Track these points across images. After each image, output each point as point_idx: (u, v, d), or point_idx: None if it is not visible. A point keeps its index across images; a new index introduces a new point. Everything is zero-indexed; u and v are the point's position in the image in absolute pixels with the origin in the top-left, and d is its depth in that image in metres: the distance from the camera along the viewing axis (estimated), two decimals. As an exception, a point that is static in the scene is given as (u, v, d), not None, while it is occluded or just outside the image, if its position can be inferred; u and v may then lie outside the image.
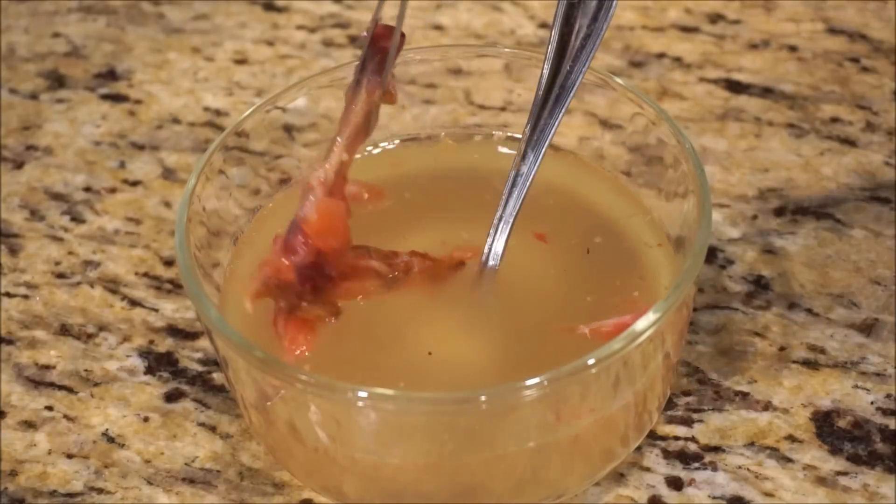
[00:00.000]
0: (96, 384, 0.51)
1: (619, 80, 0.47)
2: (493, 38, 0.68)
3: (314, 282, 0.41)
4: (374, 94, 0.42)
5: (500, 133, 0.52)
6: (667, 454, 0.47)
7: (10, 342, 0.53)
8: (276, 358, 0.39)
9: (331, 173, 0.42)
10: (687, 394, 0.49)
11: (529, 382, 0.38)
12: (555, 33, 0.44)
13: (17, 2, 0.73)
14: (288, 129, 0.51)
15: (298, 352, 0.42)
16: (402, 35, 0.42)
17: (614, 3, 0.44)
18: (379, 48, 0.42)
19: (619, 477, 0.46)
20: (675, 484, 0.46)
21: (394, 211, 0.49)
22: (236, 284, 0.46)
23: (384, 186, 0.49)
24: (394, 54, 0.42)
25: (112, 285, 0.55)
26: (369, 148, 0.52)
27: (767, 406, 0.48)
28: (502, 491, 0.42)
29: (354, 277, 0.43)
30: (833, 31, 0.66)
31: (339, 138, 0.42)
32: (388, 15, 0.43)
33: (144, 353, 0.52)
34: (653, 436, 0.47)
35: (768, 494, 0.45)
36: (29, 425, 0.50)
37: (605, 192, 0.49)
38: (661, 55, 0.65)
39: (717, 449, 0.47)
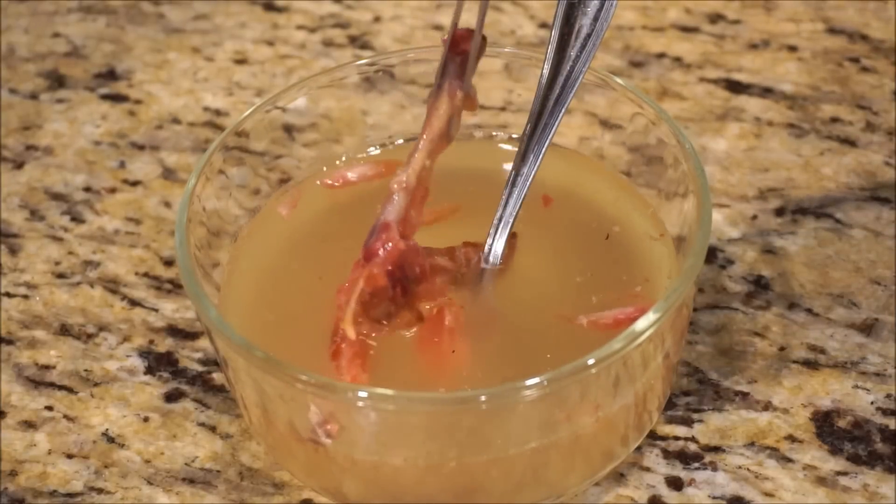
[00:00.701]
0: (96, 384, 0.51)
1: (619, 80, 0.47)
2: (493, 38, 0.68)
3: (403, 284, 0.42)
4: (456, 99, 0.42)
5: (500, 133, 0.52)
6: (667, 454, 0.47)
7: (10, 342, 0.53)
8: (276, 358, 0.39)
9: (412, 178, 0.42)
10: (687, 394, 0.49)
11: (529, 382, 0.38)
12: (555, 33, 0.44)
13: (17, 2, 0.73)
14: (288, 129, 0.51)
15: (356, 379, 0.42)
16: (484, 38, 0.42)
17: (614, 3, 0.44)
18: (459, 51, 0.42)
19: (619, 477, 0.46)
20: (675, 484, 0.46)
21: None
22: (236, 284, 0.47)
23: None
24: (475, 58, 0.42)
25: (112, 285, 0.55)
26: (369, 149, 0.52)
27: (767, 406, 0.48)
28: (502, 491, 0.42)
29: (428, 278, 0.43)
30: (833, 31, 0.66)
31: (421, 143, 0.42)
32: (463, 19, 0.42)
33: (144, 353, 0.52)
34: (653, 436, 0.47)
35: (768, 494, 0.45)
36: (29, 425, 0.50)
37: (606, 188, 0.49)
38: (661, 55, 0.65)
39: (717, 449, 0.47)
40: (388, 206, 0.42)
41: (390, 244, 0.41)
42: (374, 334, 0.42)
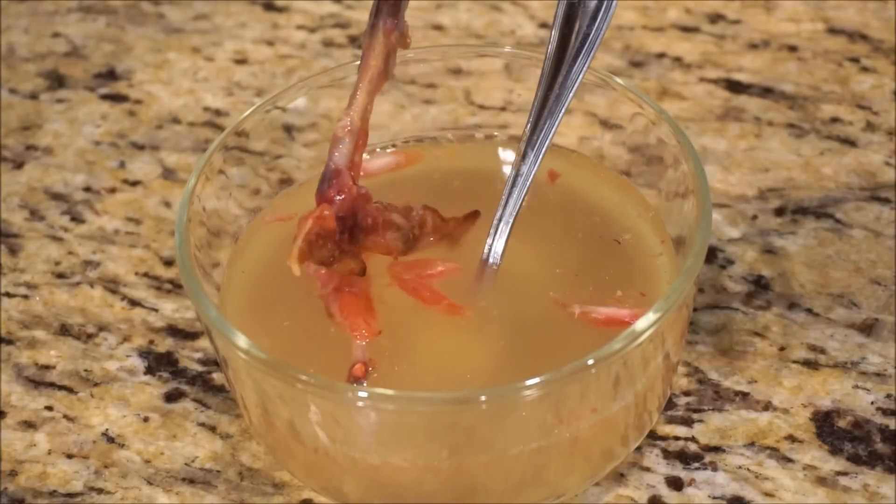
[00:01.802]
0: (96, 384, 0.51)
1: (619, 80, 0.47)
2: (493, 38, 0.68)
3: (351, 231, 0.42)
4: (391, 37, 0.43)
5: (500, 133, 0.52)
6: (667, 454, 0.47)
7: (10, 342, 0.53)
8: (276, 358, 0.39)
9: (356, 119, 0.43)
10: (687, 394, 0.49)
11: (529, 382, 0.38)
12: (555, 33, 0.44)
13: (17, 2, 0.73)
14: (288, 129, 0.51)
15: (366, 333, 0.43)
16: None
17: (614, 3, 0.44)
18: None
19: (619, 477, 0.46)
20: (675, 484, 0.46)
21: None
22: (236, 284, 0.47)
23: (397, 181, 0.49)
24: None
25: (112, 285, 0.55)
26: (369, 150, 0.52)
27: (767, 406, 0.48)
28: (502, 491, 0.42)
29: (378, 230, 0.43)
30: (833, 31, 0.66)
31: (360, 84, 0.43)
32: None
33: (144, 353, 0.52)
34: (653, 436, 0.47)
35: (768, 494, 0.45)
36: (29, 425, 0.50)
37: (607, 190, 0.49)
38: (661, 55, 0.65)
39: (717, 449, 0.47)
40: (337, 151, 0.42)
41: (345, 191, 0.42)
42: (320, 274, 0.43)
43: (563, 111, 0.45)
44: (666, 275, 0.45)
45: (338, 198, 0.42)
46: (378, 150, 0.51)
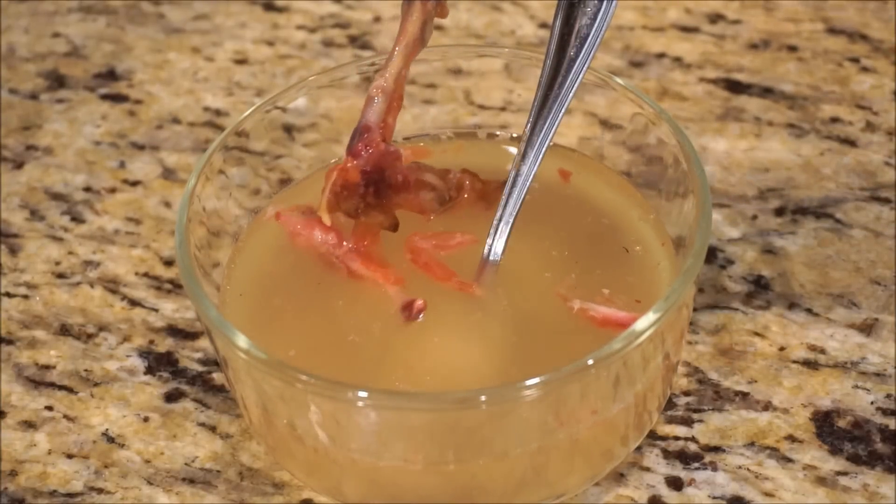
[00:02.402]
0: (96, 384, 0.51)
1: (619, 80, 0.47)
2: (493, 38, 0.68)
3: (377, 186, 0.43)
4: (428, 4, 0.44)
5: (500, 133, 0.52)
6: (667, 454, 0.47)
7: (10, 342, 0.53)
8: (277, 358, 0.39)
9: (391, 82, 0.44)
10: (687, 394, 0.49)
11: (529, 382, 0.38)
12: (555, 33, 0.44)
13: (17, 2, 0.73)
14: (288, 129, 0.51)
15: (394, 281, 0.44)
16: None
17: (614, 3, 0.44)
18: None
19: (619, 477, 0.46)
20: (675, 484, 0.46)
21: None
22: (236, 284, 0.47)
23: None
24: None
25: (112, 285, 0.55)
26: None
27: (767, 406, 0.48)
28: (502, 491, 0.42)
29: (411, 189, 0.45)
30: (833, 31, 0.66)
31: (397, 48, 0.44)
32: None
33: (144, 353, 0.52)
34: (653, 436, 0.48)
35: (768, 494, 0.45)
36: (29, 425, 0.50)
37: (608, 191, 0.49)
38: (661, 55, 0.65)
39: (717, 449, 0.47)
40: (369, 110, 0.44)
41: (372, 146, 0.43)
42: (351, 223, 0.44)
43: (563, 111, 0.45)
44: (666, 277, 0.45)
45: (364, 152, 0.43)
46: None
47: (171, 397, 0.50)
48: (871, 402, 0.48)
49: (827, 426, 0.48)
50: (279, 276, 0.47)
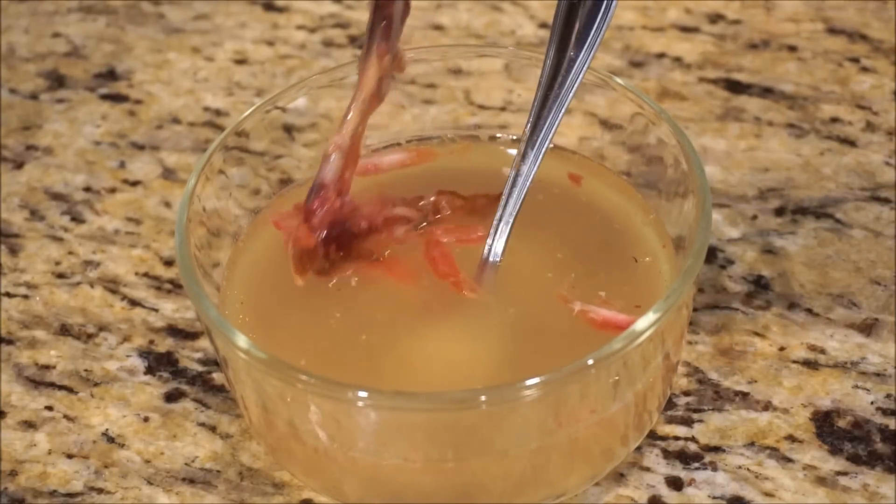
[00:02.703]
0: (96, 384, 0.51)
1: (619, 80, 0.47)
2: (493, 38, 0.68)
3: (338, 241, 0.44)
4: (384, 60, 0.44)
5: (500, 133, 0.52)
6: (667, 454, 0.47)
7: (10, 342, 0.53)
8: (277, 358, 0.39)
9: (347, 139, 0.44)
10: (687, 394, 0.49)
11: (529, 382, 0.38)
12: (555, 33, 0.44)
13: (17, 2, 0.73)
14: (288, 129, 0.51)
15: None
16: (407, 2, 0.44)
17: (614, 3, 0.44)
18: (384, 15, 0.43)
19: (619, 477, 0.46)
20: (675, 484, 0.46)
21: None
22: (236, 284, 0.47)
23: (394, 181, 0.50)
24: (399, 19, 0.43)
25: (112, 285, 0.55)
26: (380, 146, 0.52)
27: (767, 406, 0.48)
28: (502, 491, 0.42)
29: (383, 228, 0.45)
30: (833, 31, 0.66)
31: (353, 105, 0.44)
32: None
33: (144, 353, 0.52)
34: (653, 436, 0.47)
35: (768, 494, 0.45)
36: (29, 425, 0.50)
37: (609, 192, 0.49)
38: (661, 55, 0.65)
39: (717, 449, 0.47)
40: (325, 167, 0.44)
41: (325, 205, 0.43)
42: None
43: (563, 111, 0.45)
44: (666, 277, 0.45)
45: (319, 211, 0.43)
46: (386, 146, 0.52)
47: (171, 397, 0.50)
48: (871, 402, 0.48)
49: (827, 426, 0.48)
50: (279, 275, 0.47)
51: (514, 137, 0.51)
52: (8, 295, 0.55)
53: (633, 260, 0.46)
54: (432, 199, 0.46)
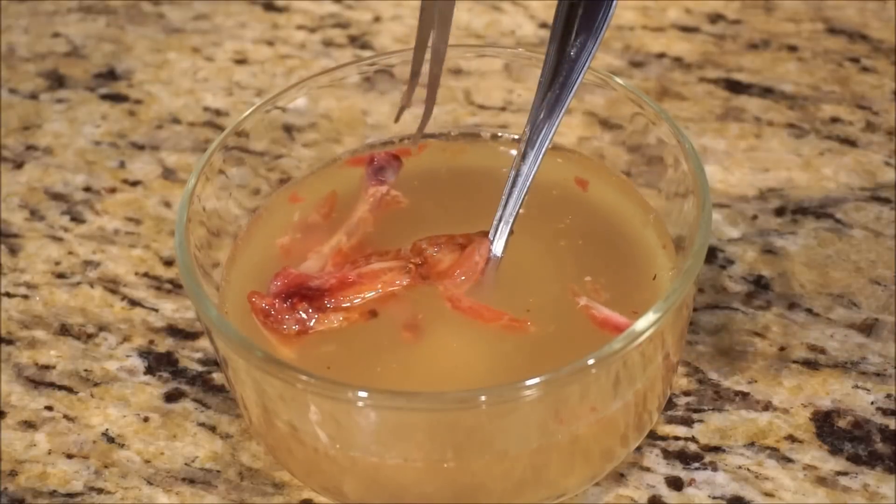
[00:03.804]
0: (96, 384, 0.51)
1: (619, 80, 0.47)
2: (493, 38, 0.68)
3: (301, 297, 0.43)
4: (375, 198, 0.48)
5: (501, 133, 0.52)
6: (667, 454, 0.47)
7: (10, 342, 0.53)
8: (277, 358, 0.39)
9: (326, 250, 0.46)
10: (687, 394, 0.49)
11: (529, 382, 0.38)
12: (555, 33, 0.44)
13: (17, 2, 0.73)
14: (288, 129, 0.51)
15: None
16: (397, 157, 0.49)
17: (614, 3, 0.44)
18: (380, 162, 0.49)
19: (619, 477, 0.46)
20: (675, 484, 0.46)
21: (394, 210, 0.49)
22: (236, 284, 0.47)
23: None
24: (392, 170, 0.49)
25: (112, 285, 0.55)
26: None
27: (767, 406, 0.48)
28: (502, 491, 0.42)
29: (365, 283, 0.44)
30: (833, 31, 0.66)
31: (340, 228, 0.47)
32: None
33: (144, 353, 0.52)
34: (653, 436, 0.47)
35: (768, 494, 0.45)
36: (29, 425, 0.50)
37: (610, 192, 0.49)
38: (661, 55, 0.65)
39: (717, 449, 0.47)
40: (299, 266, 0.45)
41: (280, 278, 0.44)
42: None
43: (563, 111, 0.45)
44: (665, 267, 0.45)
45: (275, 283, 0.44)
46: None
47: (171, 397, 0.50)
48: (871, 402, 0.48)
49: (827, 426, 0.48)
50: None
51: (515, 137, 0.51)
52: (8, 295, 0.55)
53: (650, 276, 0.46)
54: (409, 246, 0.45)
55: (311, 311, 0.43)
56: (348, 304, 0.44)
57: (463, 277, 0.44)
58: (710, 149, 0.59)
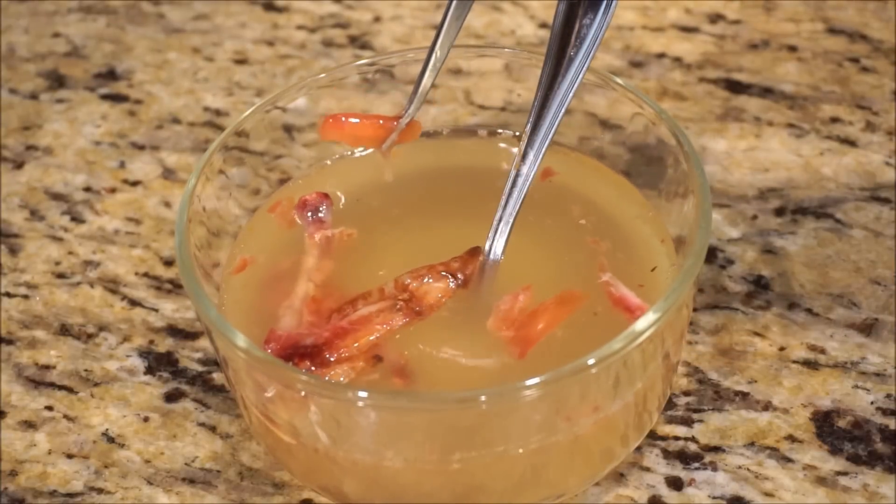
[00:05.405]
0: (96, 384, 0.51)
1: (619, 80, 0.47)
2: (493, 38, 0.68)
3: (310, 355, 0.42)
4: (317, 240, 0.47)
5: (501, 133, 0.52)
6: (667, 454, 0.47)
7: (10, 342, 0.53)
8: (276, 358, 0.39)
9: (297, 302, 0.45)
10: (687, 394, 0.49)
11: (529, 382, 0.38)
12: (555, 33, 0.44)
13: (17, 2, 0.73)
14: (288, 129, 0.51)
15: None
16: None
17: (614, 3, 0.44)
18: (312, 205, 0.48)
19: (619, 477, 0.46)
20: (675, 484, 0.46)
21: (394, 210, 0.49)
22: (237, 284, 0.47)
23: (377, 191, 0.49)
24: (326, 211, 0.48)
25: (112, 285, 0.55)
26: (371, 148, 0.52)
27: (767, 406, 0.48)
28: (502, 491, 0.42)
29: (362, 329, 0.43)
30: (833, 31, 0.66)
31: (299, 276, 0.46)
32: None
33: (144, 353, 0.52)
34: (653, 436, 0.48)
35: (768, 494, 0.45)
36: (29, 425, 0.50)
37: (608, 190, 0.49)
38: (661, 55, 0.65)
39: (717, 449, 0.47)
40: (284, 322, 0.44)
41: (271, 341, 0.43)
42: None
43: (563, 111, 0.45)
44: (665, 266, 0.45)
45: (267, 349, 0.43)
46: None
47: (171, 397, 0.50)
48: (871, 402, 0.48)
49: (827, 426, 0.48)
50: (279, 274, 0.47)
51: (516, 133, 0.51)
52: (8, 295, 0.55)
53: (612, 247, 0.46)
54: (393, 282, 0.44)
55: (314, 368, 0.42)
56: (348, 354, 0.43)
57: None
58: (709, 149, 0.59)
